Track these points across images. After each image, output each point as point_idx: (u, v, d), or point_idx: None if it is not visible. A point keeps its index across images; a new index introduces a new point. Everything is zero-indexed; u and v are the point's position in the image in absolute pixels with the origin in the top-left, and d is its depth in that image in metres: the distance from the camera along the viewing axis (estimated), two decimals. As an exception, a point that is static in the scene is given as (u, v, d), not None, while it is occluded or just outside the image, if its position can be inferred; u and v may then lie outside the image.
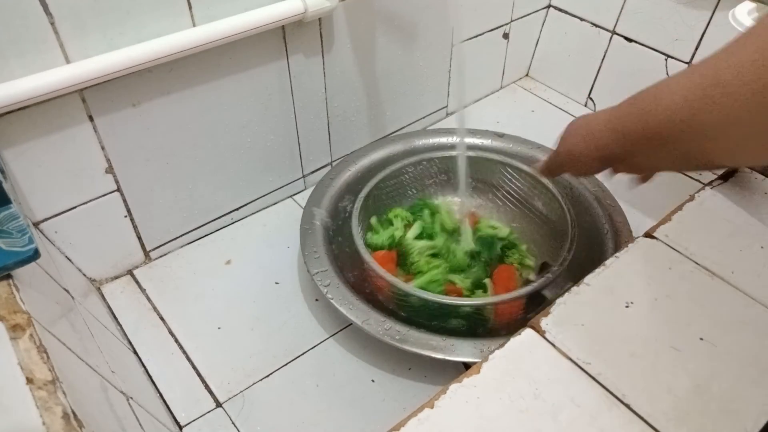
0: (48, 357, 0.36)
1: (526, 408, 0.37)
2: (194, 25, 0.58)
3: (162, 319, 0.66)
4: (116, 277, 0.70)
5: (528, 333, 0.42)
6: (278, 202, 0.81)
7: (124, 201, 0.65)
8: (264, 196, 0.79)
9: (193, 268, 0.71)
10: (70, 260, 0.64)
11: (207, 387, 0.60)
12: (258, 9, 0.60)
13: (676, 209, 0.51)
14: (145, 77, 0.58)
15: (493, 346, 0.42)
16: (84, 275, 0.67)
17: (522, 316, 0.61)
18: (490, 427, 0.37)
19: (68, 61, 0.52)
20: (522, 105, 0.99)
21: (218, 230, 0.76)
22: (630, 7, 0.85)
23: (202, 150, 0.68)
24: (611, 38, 0.89)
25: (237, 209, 0.77)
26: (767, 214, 0.50)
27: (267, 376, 0.61)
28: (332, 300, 0.59)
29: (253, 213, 0.79)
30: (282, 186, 0.80)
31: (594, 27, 0.91)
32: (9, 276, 0.41)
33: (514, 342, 0.41)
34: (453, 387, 0.39)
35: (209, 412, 0.58)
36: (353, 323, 0.57)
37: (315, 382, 0.60)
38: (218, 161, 0.70)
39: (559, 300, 0.44)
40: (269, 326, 0.65)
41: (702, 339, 0.41)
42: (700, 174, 0.80)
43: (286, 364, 0.62)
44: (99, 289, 0.68)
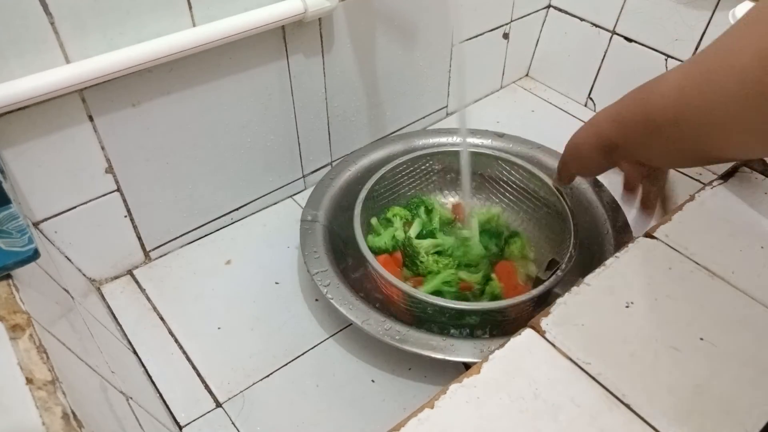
0: (48, 357, 0.36)
1: (526, 408, 0.37)
2: (194, 25, 0.58)
3: (162, 319, 0.66)
4: (116, 277, 0.70)
5: (528, 333, 0.42)
6: (278, 202, 0.81)
7: (124, 201, 0.65)
8: (264, 196, 0.79)
9: (193, 268, 0.71)
10: (70, 260, 0.64)
11: (207, 387, 0.60)
12: (258, 9, 0.60)
13: (676, 209, 0.51)
14: (145, 77, 0.58)
15: (493, 346, 0.42)
16: (84, 275, 0.67)
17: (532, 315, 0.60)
18: (490, 427, 0.37)
19: (68, 61, 0.52)
20: (522, 105, 0.99)
21: (218, 230, 0.76)
22: (630, 7, 0.85)
23: (202, 150, 0.68)
24: (611, 38, 0.89)
25: (237, 209, 0.77)
26: (767, 214, 0.50)
27: (267, 376, 0.61)
28: (332, 300, 0.59)
29: (253, 213, 0.79)
30: (282, 186, 0.80)
31: (594, 27, 0.91)
32: (9, 276, 0.41)
33: (514, 342, 0.41)
34: (453, 387, 0.39)
35: (209, 412, 0.58)
36: (353, 323, 0.57)
37: (315, 382, 0.60)
38: (218, 161, 0.70)
39: (559, 300, 0.44)
40: (269, 326, 0.65)
41: (702, 339, 0.41)
42: (700, 174, 0.80)
43: (286, 364, 0.62)
44: (99, 289, 0.68)
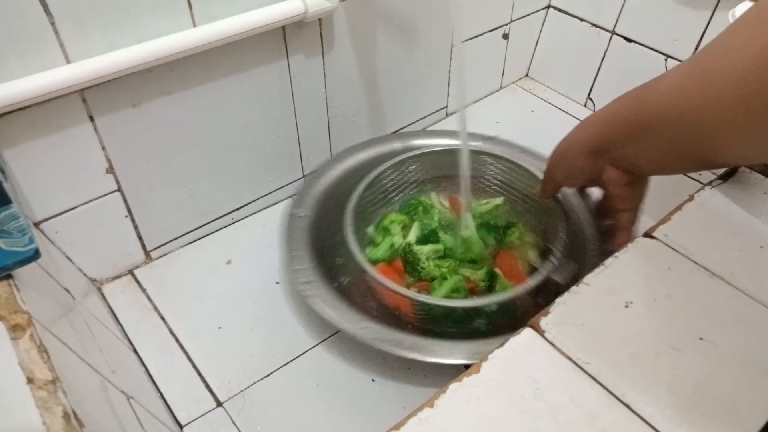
0: (48, 357, 0.36)
1: (526, 408, 0.37)
2: (195, 26, 0.58)
3: (162, 319, 0.66)
4: (117, 277, 0.70)
5: (528, 332, 0.42)
6: (279, 202, 0.81)
7: (125, 201, 0.65)
8: (264, 196, 0.79)
9: (194, 268, 0.71)
10: (71, 260, 0.64)
11: (207, 387, 0.60)
12: (258, 9, 0.60)
13: (676, 209, 0.51)
14: (146, 77, 0.58)
15: (493, 346, 0.42)
16: (84, 275, 0.67)
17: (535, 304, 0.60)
18: (490, 427, 0.37)
19: (68, 61, 0.52)
20: (522, 105, 0.99)
21: (219, 230, 0.76)
22: (630, 7, 0.85)
23: (203, 150, 0.68)
24: (611, 38, 0.89)
25: (237, 209, 0.77)
26: (767, 214, 0.50)
27: (267, 376, 0.61)
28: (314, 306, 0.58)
29: (254, 213, 0.79)
30: (282, 186, 0.80)
31: (594, 27, 0.91)
32: (9, 276, 0.41)
33: (514, 342, 0.41)
34: (453, 387, 0.39)
35: (209, 412, 0.58)
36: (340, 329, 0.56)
37: (315, 382, 0.60)
38: (219, 161, 0.70)
39: (559, 299, 0.44)
40: (269, 326, 0.65)
41: (702, 339, 0.41)
42: (700, 174, 0.80)
43: (287, 364, 0.62)
44: (99, 289, 0.68)
